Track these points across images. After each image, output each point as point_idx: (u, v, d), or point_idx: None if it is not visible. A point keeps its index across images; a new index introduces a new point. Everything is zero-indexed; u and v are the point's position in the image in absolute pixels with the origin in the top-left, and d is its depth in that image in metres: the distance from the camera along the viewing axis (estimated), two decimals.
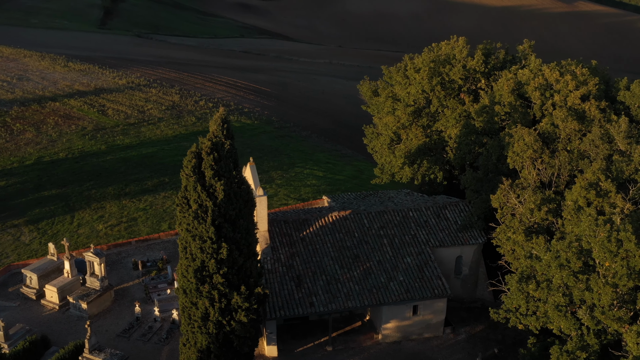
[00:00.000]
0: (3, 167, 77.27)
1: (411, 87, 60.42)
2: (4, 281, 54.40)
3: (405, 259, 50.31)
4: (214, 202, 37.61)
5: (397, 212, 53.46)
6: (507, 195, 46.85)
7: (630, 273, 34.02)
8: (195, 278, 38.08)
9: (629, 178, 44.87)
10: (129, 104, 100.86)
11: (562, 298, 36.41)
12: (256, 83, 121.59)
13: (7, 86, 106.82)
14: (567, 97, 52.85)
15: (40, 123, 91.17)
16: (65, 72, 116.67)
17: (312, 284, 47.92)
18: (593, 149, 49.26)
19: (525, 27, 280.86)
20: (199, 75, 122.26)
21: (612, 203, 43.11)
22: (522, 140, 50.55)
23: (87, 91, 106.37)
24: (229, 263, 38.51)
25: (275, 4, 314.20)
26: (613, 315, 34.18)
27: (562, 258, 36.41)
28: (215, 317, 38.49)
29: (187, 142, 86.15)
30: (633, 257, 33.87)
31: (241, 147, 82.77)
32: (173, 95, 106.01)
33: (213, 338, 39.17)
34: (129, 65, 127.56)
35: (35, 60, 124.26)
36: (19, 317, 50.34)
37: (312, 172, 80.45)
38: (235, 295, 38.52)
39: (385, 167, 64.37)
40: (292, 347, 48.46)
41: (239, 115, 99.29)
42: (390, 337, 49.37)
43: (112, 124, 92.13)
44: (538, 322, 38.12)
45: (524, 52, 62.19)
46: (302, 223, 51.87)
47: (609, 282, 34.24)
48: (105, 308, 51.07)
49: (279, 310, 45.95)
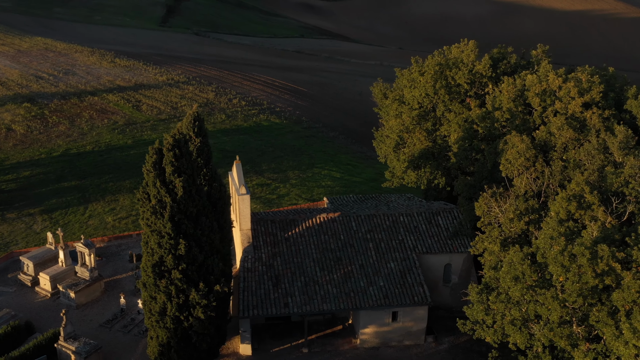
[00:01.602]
0: (31, 157, 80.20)
1: (415, 90, 59.49)
2: (5, 267, 56.49)
3: (388, 264, 49.59)
4: (173, 198, 38.00)
5: (387, 216, 52.74)
6: (489, 204, 45.53)
7: (582, 290, 32.53)
8: (153, 272, 38.60)
9: (617, 191, 43.01)
10: (164, 100, 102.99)
11: (518, 312, 35.16)
12: (295, 83, 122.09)
13: (52, 80, 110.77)
14: (568, 104, 51.00)
15: (76, 116, 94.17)
16: (110, 68, 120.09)
17: (290, 285, 47.80)
18: (588, 159, 47.38)
19: (594, 32, 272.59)
20: (238, 74, 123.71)
21: (593, 216, 41.41)
22: (515, 148, 49.06)
23: (127, 86, 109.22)
24: (189, 259, 38.83)
25: (339, 5, 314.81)
26: (561, 333, 32.78)
27: (518, 271, 35.16)
28: (172, 312, 38.92)
29: (212, 139, 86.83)
30: (585, 273, 32.37)
31: (264, 146, 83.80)
32: (208, 93, 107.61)
33: (172, 333, 39.62)
34: (173, 62, 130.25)
35: (85, 56, 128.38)
36: (13, 302, 52.14)
37: (330, 173, 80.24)
38: (193, 291, 38.80)
39: (394, 171, 63.63)
40: (268, 347, 48.47)
41: (269, 114, 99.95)
42: (369, 342, 48.74)
43: (143, 119, 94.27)
44: (496, 336, 36.94)
45: (537, 57, 60.30)
46: (288, 223, 51.78)
47: (558, 298, 32.85)
48: (94, 298, 52.30)
49: (252, 309, 46.04)
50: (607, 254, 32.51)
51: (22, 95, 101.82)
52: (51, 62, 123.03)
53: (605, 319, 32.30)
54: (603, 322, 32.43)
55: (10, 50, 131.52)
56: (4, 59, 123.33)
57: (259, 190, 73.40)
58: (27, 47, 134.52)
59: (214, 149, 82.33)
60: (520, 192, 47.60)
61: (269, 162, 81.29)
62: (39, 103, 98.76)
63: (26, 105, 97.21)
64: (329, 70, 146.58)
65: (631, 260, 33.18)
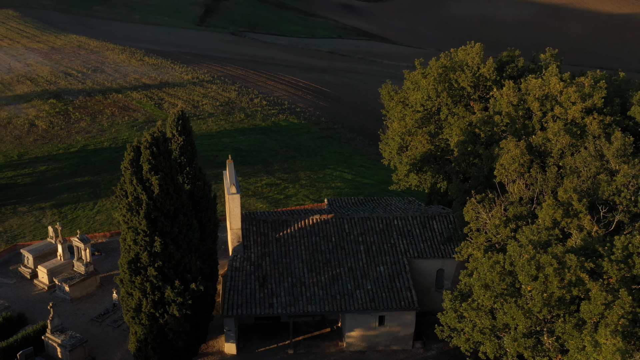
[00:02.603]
0: (49, 152, 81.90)
1: (417, 93, 58.87)
2: (8, 259, 57.77)
3: (378, 268, 49.17)
4: (149, 195, 38.31)
5: (381, 219, 52.28)
6: (476, 209, 44.75)
7: (548, 300, 31.70)
8: (129, 269, 38.98)
9: (608, 199, 41.90)
10: (187, 98, 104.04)
11: (488, 320, 34.47)
12: (319, 83, 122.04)
13: (81, 77, 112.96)
14: (568, 109, 49.86)
15: (98, 113, 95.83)
16: (138, 66, 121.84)
17: (277, 285, 47.77)
18: (583, 166, 46.22)
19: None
20: (264, 73, 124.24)
21: (579, 225, 40.44)
22: (509, 153, 48.13)
23: (152, 84, 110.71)
24: (165, 257, 39.11)
25: (379, 6, 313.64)
26: (525, 344, 32.01)
27: (488, 278, 34.46)
28: (147, 309, 39.24)
29: (228, 138, 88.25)
30: (551, 283, 31.54)
31: (278, 146, 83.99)
32: (231, 92, 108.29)
33: (147, 329, 39.96)
34: (201, 61, 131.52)
35: (116, 54, 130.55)
36: (11, 294, 53.29)
37: (342, 174, 79.95)
38: (168, 289, 39.06)
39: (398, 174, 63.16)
40: (254, 347, 48.53)
41: (288, 114, 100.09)
42: (355, 346, 48.38)
43: (163, 116, 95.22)
44: (468, 344, 36.29)
45: (545, 61, 59.07)
46: (281, 224, 51.75)
47: (523, 308, 32.09)
48: (89, 292, 53.07)
49: (237, 309, 46.14)
50: (575, 264, 31.62)
51: (49, 92, 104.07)
52: (82, 59, 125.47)
53: (570, 331, 31.41)
54: (569, 334, 31.55)
55: (45, 47, 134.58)
56: (37, 56, 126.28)
57: (268, 190, 73.53)
58: (61, 45, 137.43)
59: (229, 147, 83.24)
60: (514, 198, 46.77)
61: (281, 162, 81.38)
62: (65, 99, 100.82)
63: (52, 101, 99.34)
64: (357, 71, 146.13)
65: (602, 271, 32.22)
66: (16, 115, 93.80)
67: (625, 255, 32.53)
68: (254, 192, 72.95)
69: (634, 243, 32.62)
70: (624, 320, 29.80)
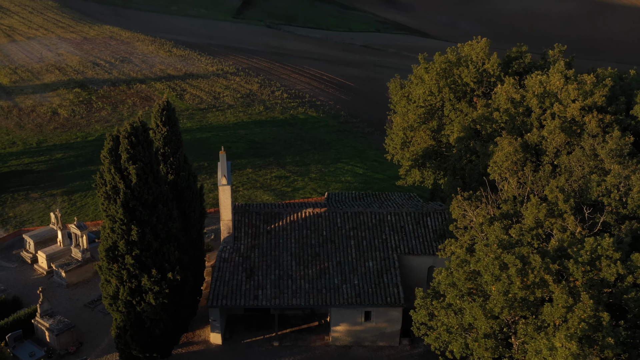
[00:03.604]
0: (67, 140, 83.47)
1: (419, 88, 58.18)
2: (12, 244, 59.13)
3: (367, 263, 48.83)
4: (127, 184, 38.70)
5: (374, 214, 51.89)
6: (462, 207, 44.03)
7: (511, 301, 31.02)
8: (107, 257, 39.48)
9: (597, 200, 40.84)
10: (208, 89, 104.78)
11: (455, 319, 33.93)
12: (344, 77, 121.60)
13: (108, 67, 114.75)
14: (567, 107, 48.67)
15: (120, 103, 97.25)
16: (165, 57, 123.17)
17: (263, 277, 47.83)
18: (577, 166, 45.11)
19: None
20: (289, 66, 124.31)
21: (563, 225, 39.49)
22: (503, 151, 47.23)
23: (177, 75, 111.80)
24: (142, 246, 39.48)
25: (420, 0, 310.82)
26: (485, 345, 31.43)
27: (455, 277, 33.92)
28: (124, 296, 39.70)
29: (244, 129, 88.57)
30: (514, 284, 30.85)
31: (293, 139, 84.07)
32: (253, 84, 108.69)
33: (125, 316, 40.45)
34: (229, 53, 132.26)
35: (145, 45, 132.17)
36: (11, 278, 54.55)
37: (354, 169, 79.60)
38: (145, 277, 39.45)
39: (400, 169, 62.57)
40: (240, 338, 48.75)
41: (308, 107, 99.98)
42: (341, 340, 48.19)
43: (183, 107, 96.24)
44: (437, 342, 35.80)
45: (554, 57, 57.71)
46: (273, 216, 51.78)
47: (485, 308, 31.48)
48: (85, 279, 53.96)
49: (222, 299, 46.35)
50: (540, 265, 30.86)
51: (75, 81, 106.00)
52: (112, 50, 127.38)
53: (532, 334, 30.70)
54: (530, 337, 30.84)
55: (77, 37, 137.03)
56: (68, 46, 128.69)
57: (276, 183, 73.62)
58: (94, 35, 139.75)
59: (244, 139, 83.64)
60: (507, 197, 45.93)
61: (293, 155, 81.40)
62: (89, 89, 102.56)
63: (77, 90, 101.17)
64: (387, 65, 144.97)
65: (568, 273, 31.41)
66: (41, 103, 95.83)
67: (593, 257, 31.62)
68: (262, 184, 73.12)
69: (603, 245, 31.68)
70: (584, 325, 28.98)
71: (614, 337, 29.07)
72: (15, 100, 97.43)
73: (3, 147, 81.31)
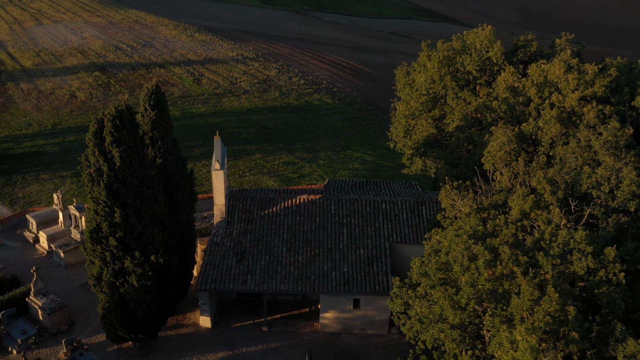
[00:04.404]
0: (82, 123, 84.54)
1: (421, 75, 57.55)
2: (17, 223, 60.26)
3: (358, 251, 48.63)
4: (110, 167, 39.05)
5: (369, 202, 51.61)
6: (450, 197, 43.52)
7: (479, 292, 30.61)
8: (91, 238, 39.96)
9: (586, 192, 40.05)
10: (226, 75, 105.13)
11: (427, 309, 33.63)
12: (364, 64, 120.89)
13: (129, 51, 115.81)
14: (567, 97, 47.69)
15: (137, 87, 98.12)
16: (187, 42, 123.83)
17: (253, 263, 47.95)
18: (571, 157, 44.22)
19: None
20: (309, 52, 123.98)
21: (548, 218, 38.83)
22: (497, 140, 46.51)
23: (196, 60, 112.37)
24: (126, 228, 39.86)
25: None
26: (451, 336, 31.11)
27: (428, 267, 33.60)
28: (107, 277, 40.17)
29: (257, 115, 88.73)
30: (482, 275, 30.42)
31: (305, 125, 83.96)
32: (271, 70, 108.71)
33: (109, 297, 40.94)
34: (250, 38, 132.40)
35: (169, 29, 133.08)
36: (13, 256, 55.63)
37: (363, 156, 79.25)
38: (128, 259, 39.87)
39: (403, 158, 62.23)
40: (231, 322, 49.02)
41: (324, 94, 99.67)
42: (329, 327, 48.16)
43: (199, 92, 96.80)
44: (411, 332, 35.54)
45: (560, 45, 56.54)
46: (268, 202, 51.83)
47: (453, 299, 31.13)
48: (83, 259, 54.49)
49: (211, 283, 46.65)
50: (508, 256, 30.37)
51: (96, 64, 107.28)
52: (135, 34, 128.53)
53: (498, 326, 30.26)
54: (495, 330, 30.41)
55: (103, 21, 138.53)
56: (93, 30, 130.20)
57: (283, 169, 73.66)
58: (119, 19, 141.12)
59: (256, 125, 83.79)
60: (500, 187, 45.31)
61: (304, 142, 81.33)
62: (109, 72, 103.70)
63: (96, 74, 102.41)
64: (409, 52, 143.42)
65: (538, 265, 30.86)
66: (60, 86, 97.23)
67: (566, 250, 31.02)
68: (269, 169, 73.26)
69: (576, 238, 31.05)
70: (548, 318, 28.45)
71: (579, 332, 28.51)
72: (36, 82, 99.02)
73: (19, 129, 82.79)
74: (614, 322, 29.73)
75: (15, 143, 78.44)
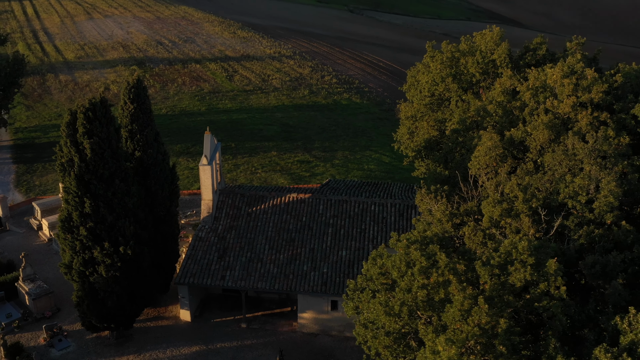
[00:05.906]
0: None
1: (424, 76, 56.51)
2: (26, 210, 62.13)
3: (340, 252, 48.16)
4: (81, 158, 39.77)
5: (358, 203, 51.01)
6: (425, 201, 42.52)
7: (415, 300, 29.79)
8: (62, 227, 40.83)
9: (562, 201, 38.56)
10: (259, 72, 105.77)
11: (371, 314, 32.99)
12: (401, 64, 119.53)
13: (170, 46, 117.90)
14: (562, 103, 46.02)
15: (170, 81, 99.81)
16: (228, 38, 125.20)
17: (234, 259, 48.07)
18: (555, 164, 42.64)
19: None
20: (348, 52, 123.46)
21: (517, 227, 37.51)
22: (483, 145, 45.23)
23: (233, 57, 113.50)
24: (97, 219, 40.55)
25: None
26: (384, 342, 30.40)
27: (371, 272, 32.94)
28: (77, 266, 40.98)
29: (281, 113, 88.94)
30: (417, 282, 29.60)
31: (328, 124, 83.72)
32: (305, 68, 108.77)
33: (80, 286, 41.76)
34: (292, 36, 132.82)
35: (213, 26, 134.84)
36: (15, 242, 57.41)
37: (381, 157, 78.41)
38: (97, 249, 40.55)
39: None
40: (211, 317, 49.27)
41: (353, 93, 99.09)
42: (307, 327, 47.84)
43: (229, 88, 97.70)
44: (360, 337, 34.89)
45: (570, 49, 54.56)
46: (257, 199, 51.84)
47: (387, 305, 30.42)
48: None
49: (190, 277, 47.01)
50: (444, 264, 29.45)
51: (135, 59, 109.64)
52: (179, 29, 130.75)
53: (430, 335, 29.36)
54: (428, 339, 29.52)
55: (151, 16, 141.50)
56: (140, 25, 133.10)
57: (296, 167, 73.58)
58: (167, 15, 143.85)
59: (278, 122, 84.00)
60: (486, 194, 44.06)
61: (323, 141, 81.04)
62: (146, 67, 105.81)
63: (133, 67, 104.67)
64: None
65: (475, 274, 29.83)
66: (97, 79, 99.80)
67: (507, 260, 29.86)
68: (282, 167, 73.28)
69: (519, 249, 29.83)
70: (477, 330, 27.44)
71: (507, 346, 27.39)
72: (75, 75, 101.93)
73: (49, 119, 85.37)
74: (549, 337, 28.44)
75: (42, 133, 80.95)
